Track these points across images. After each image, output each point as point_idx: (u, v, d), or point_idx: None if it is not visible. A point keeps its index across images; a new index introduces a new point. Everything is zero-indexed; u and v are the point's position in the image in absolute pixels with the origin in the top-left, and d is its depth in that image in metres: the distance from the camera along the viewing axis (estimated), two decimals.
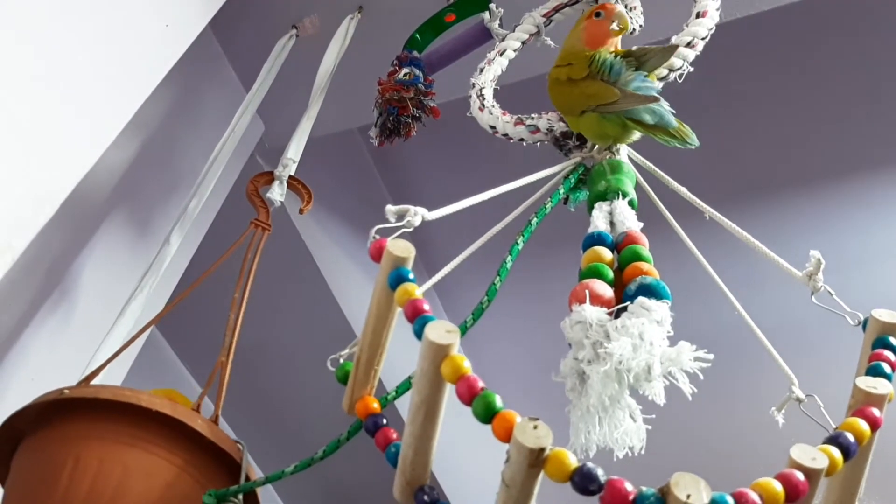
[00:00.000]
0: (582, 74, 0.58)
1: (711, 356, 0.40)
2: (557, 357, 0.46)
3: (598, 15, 0.61)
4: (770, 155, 1.40)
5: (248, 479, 0.60)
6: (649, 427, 0.41)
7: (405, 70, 0.88)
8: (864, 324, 0.45)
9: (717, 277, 0.52)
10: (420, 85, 0.86)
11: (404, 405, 0.52)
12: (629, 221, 0.52)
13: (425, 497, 0.38)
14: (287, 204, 0.93)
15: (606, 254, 0.49)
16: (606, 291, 0.45)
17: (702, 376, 0.40)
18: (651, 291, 0.45)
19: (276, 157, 0.92)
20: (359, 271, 1.49)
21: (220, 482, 0.60)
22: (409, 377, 0.52)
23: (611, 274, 0.47)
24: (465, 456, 1.55)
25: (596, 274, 0.47)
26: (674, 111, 0.56)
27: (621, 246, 0.49)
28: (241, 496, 0.59)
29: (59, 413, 0.61)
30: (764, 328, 0.52)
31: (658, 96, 0.56)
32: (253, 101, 0.99)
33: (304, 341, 1.46)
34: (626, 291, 0.46)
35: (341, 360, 0.48)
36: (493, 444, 0.35)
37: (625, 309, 0.44)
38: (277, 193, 0.84)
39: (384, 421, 0.44)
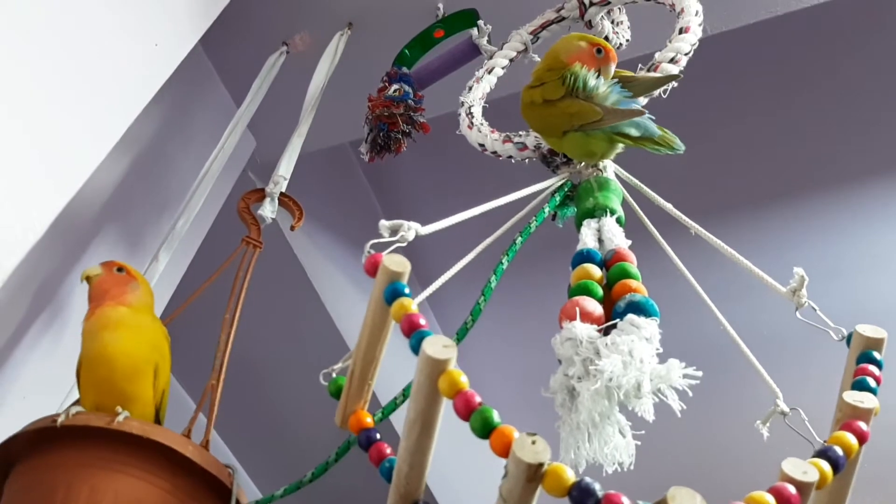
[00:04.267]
0: (559, 94, 0.58)
1: (700, 373, 0.41)
2: (545, 369, 0.46)
3: (598, 52, 0.60)
4: (755, 166, 1.41)
5: (238, 503, 0.60)
6: (638, 443, 0.41)
7: (395, 86, 0.88)
8: (848, 339, 0.46)
9: (703, 292, 0.53)
10: (410, 101, 0.87)
11: (397, 418, 0.53)
12: (617, 239, 0.52)
13: None
14: (280, 220, 0.93)
15: (595, 271, 0.49)
16: (596, 309, 0.46)
17: (691, 393, 0.41)
18: (640, 309, 0.45)
19: (267, 172, 0.92)
20: (352, 286, 1.49)
21: None
22: (395, 399, 0.52)
23: (600, 291, 0.48)
24: (462, 468, 1.55)
25: (585, 291, 0.47)
26: (653, 117, 0.57)
27: (610, 263, 0.50)
28: None
29: (50, 440, 0.61)
30: (748, 340, 0.53)
31: (643, 109, 0.56)
32: (243, 118, 1.00)
33: (298, 357, 1.46)
34: (615, 309, 0.46)
35: (334, 375, 0.48)
36: (488, 455, 0.36)
37: (614, 326, 0.44)
38: (268, 210, 0.84)
39: (377, 436, 0.44)
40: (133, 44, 0.73)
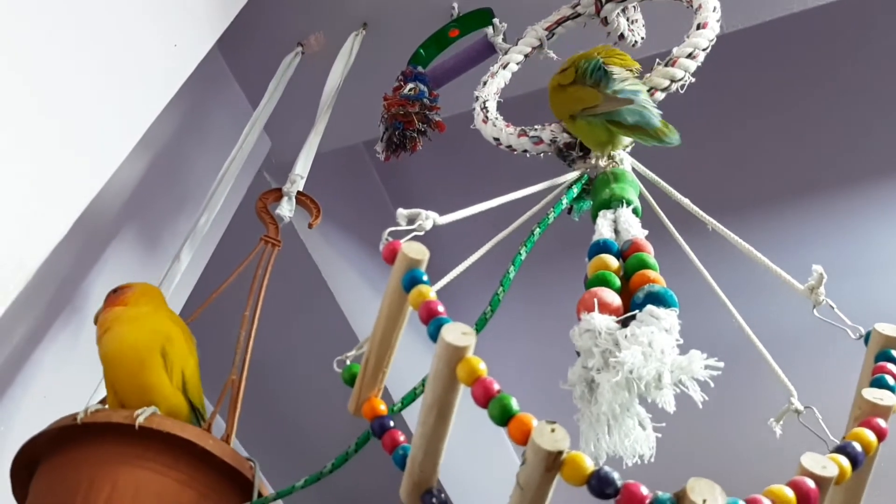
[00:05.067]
0: (570, 80, 0.59)
1: (722, 364, 0.40)
2: (559, 363, 0.46)
3: None
4: (771, 163, 1.40)
5: (260, 496, 0.61)
6: (659, 435, 0.41)
7: (410, 85, 0.89)
8: (866, 338, 0.46)
9: (718, 288, 0.53)
10: (425, 99, 0.87)
11: (409, 412, 0.52)
12: (634, 229, 0.52)
13: (433, 499, 0.38)
14: (295, 220, 0.94)
15: (612, 261, 0.49)
16: (615, 300, 0.45)
17: (712, 384, 0.41)
18: (659, 299, 0.45)
19: (283, 173, 0.93)
20: (366, 285, 1.49)
21: (233, 501, 0.60)
22: (415, 389, 0.52)
23: (618, 282, 0.47)
24: (469, 459, 1.55)
25: (603, 282, 0.47)
26: (660, 112, 0.57)
27: (627, 254, 0.50)
28: None
29: (73, 438, 0.61)
30: (763, 336, 0.53)
31: (633, 98, 0.56)
32: (260, 119, 1.00)
33: (312, 356, 1.46)
34: (633, 300, 0.46)
35: (347, 362, 0.48)
36: (496, 447, 0.35)
37: (633, 317, 0.44)
38: (286, 209, 0.84)
39: (391, 423, 0.43)
40: (153, 44, 0.73)
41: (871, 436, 0.39)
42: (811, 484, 0.34)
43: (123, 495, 0.58)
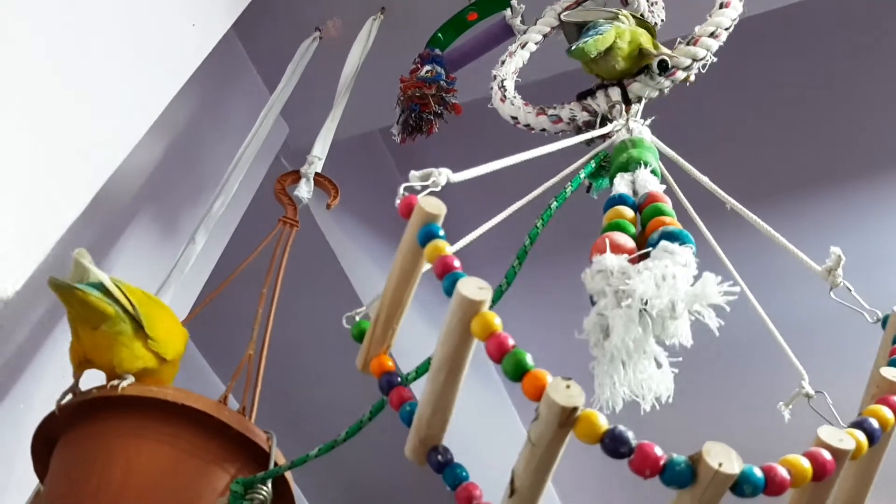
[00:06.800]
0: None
1: (738, 288, 0.38)
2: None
3: None
4: (793, 154, 1.38)
5: (276, 465, 0.61)
6: (675, 370, 0.39)
7: (427, 67, 0.88)
8: (884, 321, 0.46)
9: (735, 272, 0.52)
10: (442, 82, 0.87)
11: (416, 385, 0.52)
12: (651, 185, 0.50)
13: (439, 457, 0.37)
14: (312, 205, 0.94)
15: (628, 212, 0.47)
16: (627, 242, 0.43)
17: (725, 315, 0.38)
18: (674, 237, 0.43)
19: (300, 158, 0.93)
20: (381, 272, 1.49)
21: (251, 472, 0.61)
22: (428, 359, 0.52)
23: (632, 228, 0.46)
24: (473, 423, 1.54)
25: (617, 228, 0.45)
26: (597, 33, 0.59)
27: (643, 206, 0.48)
28: (269, 484, 0.59)
29: (89, 412, 0.62)
30: (776, 327, 0.52)
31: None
32: (276, 103, 1.00)
33: (326, 340, 1.46)
34: (648, 241, 0.44)
35: (357, 318, 0.46)
36: (501, 411, 0.35)
37: (647, 256, 0.42)
38: (304, 191, 0.84)
39: (398, 380, 0.41)
40: (170, 25, 0.74)
41: (888, 413, 0.38)
42: (828, 456, 0.34)
43: (140, 466, 0.58)
